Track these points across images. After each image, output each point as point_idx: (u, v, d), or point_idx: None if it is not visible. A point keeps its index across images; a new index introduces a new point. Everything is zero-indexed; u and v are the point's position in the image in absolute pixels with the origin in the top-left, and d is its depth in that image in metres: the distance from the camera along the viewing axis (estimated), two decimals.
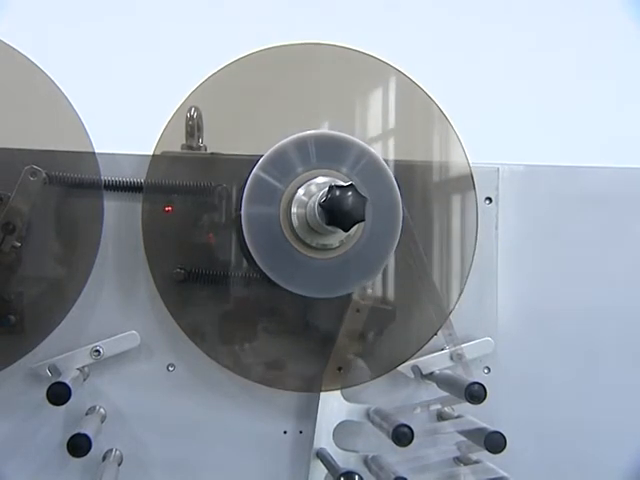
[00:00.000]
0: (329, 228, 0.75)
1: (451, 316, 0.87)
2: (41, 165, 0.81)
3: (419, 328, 0.88)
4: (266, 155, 0.80)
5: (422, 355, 0.88)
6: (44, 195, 0.82)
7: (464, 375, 0.86)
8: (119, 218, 0.86)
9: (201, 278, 0.85)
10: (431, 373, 0.87)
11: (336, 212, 0.72)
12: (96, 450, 0.83)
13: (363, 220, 0.73)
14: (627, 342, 0.93)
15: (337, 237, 0.80)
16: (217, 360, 0.85)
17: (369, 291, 0.86)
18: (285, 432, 0.89)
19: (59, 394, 0.73)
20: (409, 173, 0.88)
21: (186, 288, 0.85)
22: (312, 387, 0.87)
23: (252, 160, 0.80)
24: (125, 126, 1.02)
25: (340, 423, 0.87)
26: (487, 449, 0.78)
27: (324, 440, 0.87)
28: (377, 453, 0.84)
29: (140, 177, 0.85)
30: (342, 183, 0.74)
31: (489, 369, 0.90)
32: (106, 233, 0.84)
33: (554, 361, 0.92)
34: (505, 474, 0.79)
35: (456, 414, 0.86)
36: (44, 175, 0.80)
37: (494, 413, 0.85)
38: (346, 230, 0.74)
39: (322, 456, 0.85)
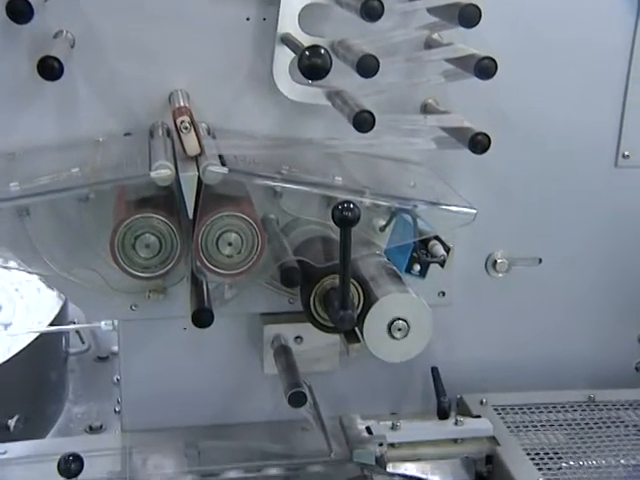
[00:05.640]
0: None
1: None
2: None
3: None
4: None
5: None
6: None
7: None
8: None
9: None
10: None
11: None
12: (45, 34, 0.79)
13: None
14: None
15: None
16: None
17: None
18: (248, 19, 0.84)
19: None
20: None
21: None
22: None
23: None
24: None
25: (306, 6, 0.82)
26: (460, 24, 0.74)
27: (289, 25, 0.82)
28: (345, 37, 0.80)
29: None
30: None
31: None
32: None
33: None
34: (476, 51, 0.76)
35: None
36: None
37: None
38: None
39: (287, 40, 0.81)
